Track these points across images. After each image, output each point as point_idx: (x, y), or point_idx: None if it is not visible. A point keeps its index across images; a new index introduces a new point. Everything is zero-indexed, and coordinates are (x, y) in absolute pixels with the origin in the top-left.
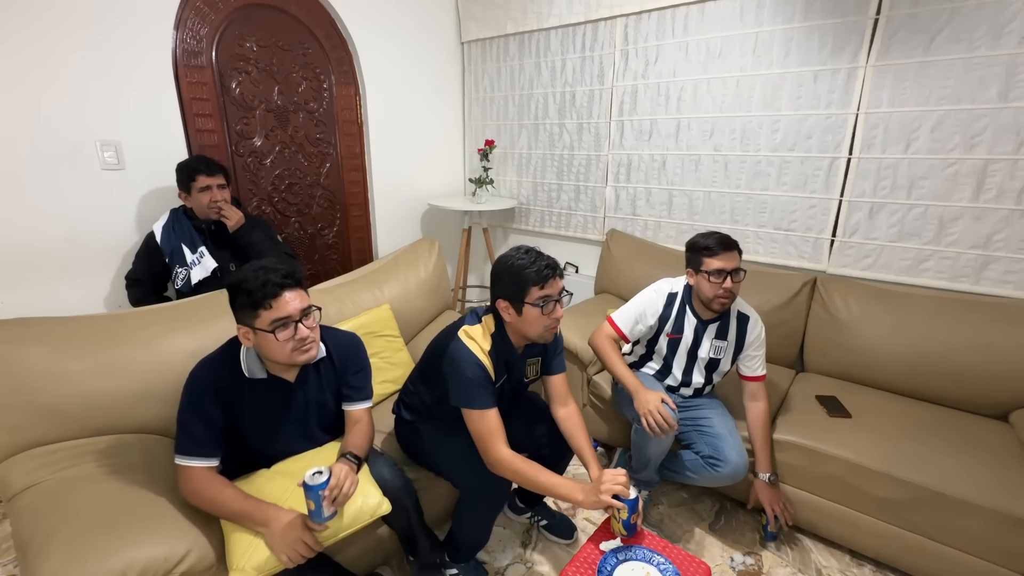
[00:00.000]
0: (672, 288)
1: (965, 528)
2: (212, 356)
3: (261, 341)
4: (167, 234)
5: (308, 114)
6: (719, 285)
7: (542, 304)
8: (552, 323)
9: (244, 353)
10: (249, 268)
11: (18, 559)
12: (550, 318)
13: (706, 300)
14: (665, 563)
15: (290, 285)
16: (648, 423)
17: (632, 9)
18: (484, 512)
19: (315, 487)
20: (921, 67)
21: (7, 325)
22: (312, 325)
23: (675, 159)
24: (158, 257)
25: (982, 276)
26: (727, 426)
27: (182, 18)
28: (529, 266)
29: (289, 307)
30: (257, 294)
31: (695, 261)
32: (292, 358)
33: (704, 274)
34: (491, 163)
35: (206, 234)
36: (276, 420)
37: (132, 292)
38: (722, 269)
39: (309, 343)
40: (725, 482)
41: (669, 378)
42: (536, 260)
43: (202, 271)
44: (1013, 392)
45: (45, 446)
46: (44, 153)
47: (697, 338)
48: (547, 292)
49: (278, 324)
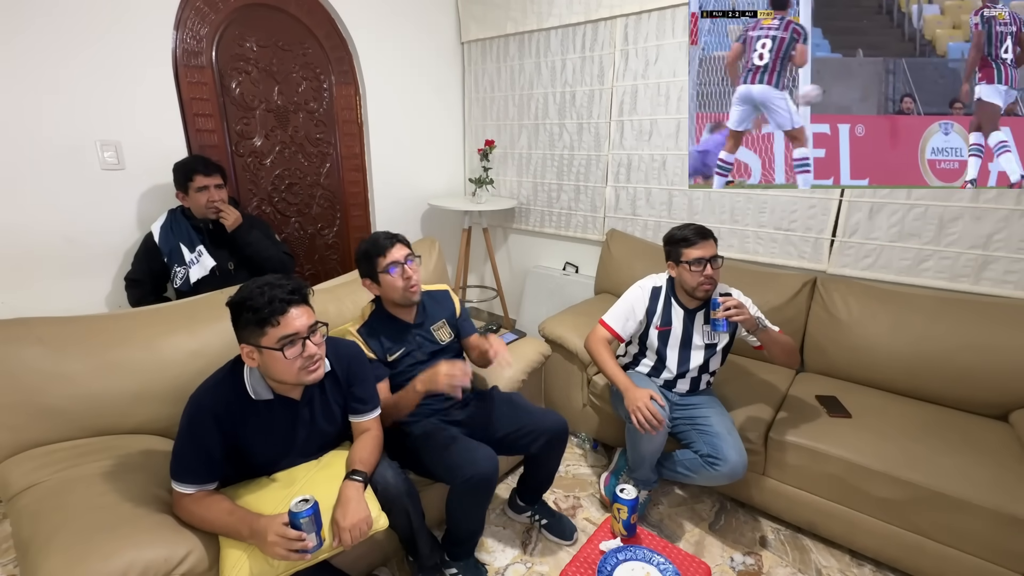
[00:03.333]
0: (656, 283)
1: (965, 528)
2: (214, 378)
3: (268, 360)
4: (165, 234)
5: (308, 114)
6: (700, 273)
7: (391, 270)
8: (405, 283)
9: (248, 374)
10: (253, 285)
11: (18, 559)
12: (403, 279)
13: (689, 289)
14: (665, 563)
15: (297, 301)
16: (637, 420)
17: (632, 9)
18: (474, 500)
19: (298, 515)
20: None
21: (7, 325)
22: (319, 342)
23: (675, 159)
24: (157, 257)
25: (982, 276)
26: (726, 425)
27: (182, 18)
28: (372, 244)
29: (296, 323)
30: (264, 311)
31: (675, 253)
32: (299, 377)
33: (685, 264)
34: (491, 163)
35: (204, 233)
36: (283, 440)
37: (132, 292)
38: (701, 257)
39: (317, 360)
40: (723, 481)
41: (664, 371)
42: (377, 238)
43: (201, 270)
44: (1013, 392)
45: (45, 446)
46: (44, 153)
47: (687, 329)
48: (392, 259)
49: (286, 342)
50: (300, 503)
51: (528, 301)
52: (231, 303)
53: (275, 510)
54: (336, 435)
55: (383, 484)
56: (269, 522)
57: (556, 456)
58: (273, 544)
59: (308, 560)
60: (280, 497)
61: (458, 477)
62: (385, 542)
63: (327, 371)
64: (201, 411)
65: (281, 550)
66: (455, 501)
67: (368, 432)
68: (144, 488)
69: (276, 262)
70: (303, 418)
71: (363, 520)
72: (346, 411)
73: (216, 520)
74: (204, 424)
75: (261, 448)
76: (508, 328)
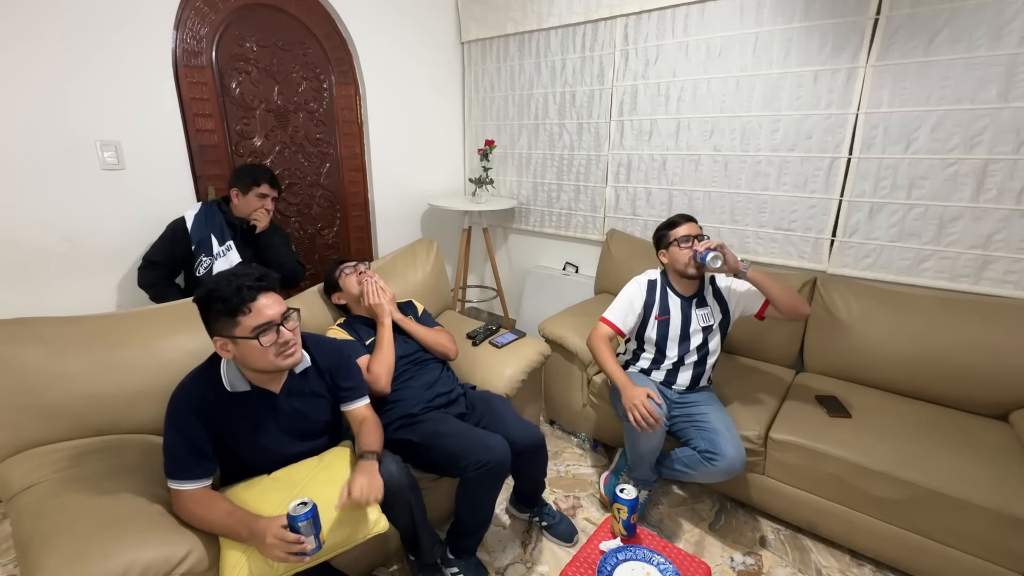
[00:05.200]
0: (651, 276)
1: (965, 528)
2: (192, 375)
3: (243, 350)
4: (199, 223)
5: (308, 114)
6: (690, 247)
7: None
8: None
9: (224, 367)
10: (218, 276)
11: (18, 559)
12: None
13: (681, 268)
14: (665, 563)
15: (265, 288)
16: (634, 417)
17: (632, 9)
18: (489, 487)
19: (297, 518)
20: (921, 67)
21: (8, 325)
22: (293, 327)
23: (675, 159)
24: (183, 243)
25: (982, 276)
26: (724, 421)
27: (182, 18)
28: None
29: (269, 312)
30: (233, 299)
31: (664, 239)
32: (276, 363)
33: (675, 243)
34: (491, 163)
35: (237, 231)
36: (264, 433)
37: (145, 274)
38: (688, 235)
39: (292, 346)
40: (721, 477)
41: (665, 362)
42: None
43: (226, 264)
44: (1013, 392)
45: (45, 446)
46: (44, 153)
47: (685, 315)
48: (343, 268)
49: (260, 330)
50: (299, 506)
51: (528, 301)
52: (198, 298)
53: (275, 511)
54: (326, 425)
55: (386, 477)
56: (268, 524)
57: (537, 467)
58: (272, 546)
59: (307, 563)
60: (280, 498)
61: (473, 463)
62: (386, 541)
63: (307, 365)
64: (179, 407)
65: (280, 552)
66: (468, 489)
67: (366, 419)
68: (144, 488)
69: (289, 269)
70: (284, 409)
71: (374, 488)
72: (336, 401)
73: (215, 521)
74: (186, 419)
75: (245, 440)
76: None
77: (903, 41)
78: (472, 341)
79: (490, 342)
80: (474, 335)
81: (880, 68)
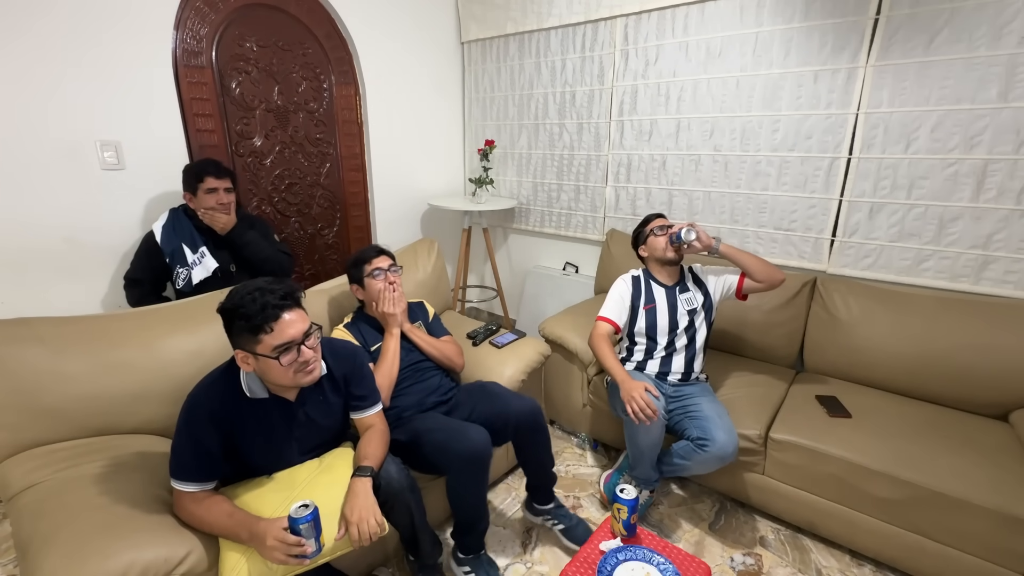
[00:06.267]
0: (634, 273)
1: (965, 528)
2: (211, 377)
3: (263, 366)
4: (167, 234)
5: (308, 114)
6: (664, 233)
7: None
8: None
9: (244, 373)
10: (244, 290)
11: (18, 559)
12: (384, 287)
13: (661, 254)
14: (665, 563)
15: (289, 306)
16: (632, 409)
17: (632, 9)
18: (472, 478)
19: (298, 520)
20: (921, 67)
21: (7, 325)
22: (314, 345)
23: (675, 159)
24: (158, 257)
25: (982, 276)
26: (716, 410)
27: (182, 18)
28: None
29: (291, 331)
30: (256, 318)
31: (642, 235)
32: (296, 380)
33: (651, 233)
34: (491, 163)
35: (207, 234)
36: (278, 439)
37: (131, 292)
38: (663, 224)
39: (312, 364)
40: (714, 463)
41: (657, 349)
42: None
43: (203, 271)
44: (1013, 392)
45: (45, 446)
46: (44, 153)
47: (671, 302)
48: (377, 265)
49: (281, 350)
50: (300, 508)
51: (528, 301)
52: (222, 309)
53: (275, 513)
54: (335, 433)
55: (386, 479)
56: (268, 526)
57: (538, 441)
58: (272, 548)
59: (307, 565)
60: (281, 500)
61: (452, 454)
62: (386, 541)
63: (323, 373)
64: (197, 409)
65: (280, 555)
66: (454, 483)
67: (373, 428)
68: (144, 488)
69: (274, 263)
70: (299, 418)
71: (370, 514)
72: (347, 409)
73: (216, 522)
74: (200, 422)
75: (258, 446)
76: (508, 328)
77: (903, 41)
78: (472, 341)
79: (490, 342)
80: (474, 335)
81: (880, 68)
